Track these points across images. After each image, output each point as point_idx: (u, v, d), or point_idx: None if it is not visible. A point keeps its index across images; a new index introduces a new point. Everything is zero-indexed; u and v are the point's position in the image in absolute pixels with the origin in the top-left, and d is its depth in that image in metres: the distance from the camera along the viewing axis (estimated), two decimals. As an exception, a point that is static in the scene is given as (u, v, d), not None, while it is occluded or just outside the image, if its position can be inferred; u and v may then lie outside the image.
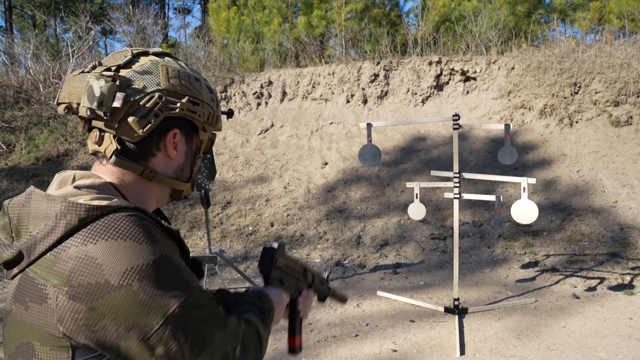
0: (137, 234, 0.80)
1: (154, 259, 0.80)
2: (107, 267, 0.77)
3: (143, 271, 0.78)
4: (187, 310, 0.82)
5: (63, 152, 8.80)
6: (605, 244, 5.60)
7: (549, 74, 7.80)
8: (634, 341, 3.69)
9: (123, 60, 0.92)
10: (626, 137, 7.09)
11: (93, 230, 0.80)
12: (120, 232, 0.80)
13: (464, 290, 4.87)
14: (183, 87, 0.95)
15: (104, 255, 0.78)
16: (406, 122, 5.08)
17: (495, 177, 4.50)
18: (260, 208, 7.25)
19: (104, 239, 0.79)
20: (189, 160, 1.02)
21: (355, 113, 8.68)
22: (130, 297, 0.78)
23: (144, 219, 0.84)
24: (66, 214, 0.80)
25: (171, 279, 0.81)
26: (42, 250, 0.79)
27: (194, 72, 1.00)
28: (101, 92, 0.86)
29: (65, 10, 17.94)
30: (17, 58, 11.59)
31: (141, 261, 0.79)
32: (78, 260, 0.78)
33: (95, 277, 0.77)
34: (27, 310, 0.81)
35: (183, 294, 0.82)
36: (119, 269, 0.77)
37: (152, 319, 0.79)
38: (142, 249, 0.80)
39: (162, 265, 0.81)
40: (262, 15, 12.39)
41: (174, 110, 0.93)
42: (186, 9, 25.48)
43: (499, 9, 10.99)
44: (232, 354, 0.87)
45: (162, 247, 0.83)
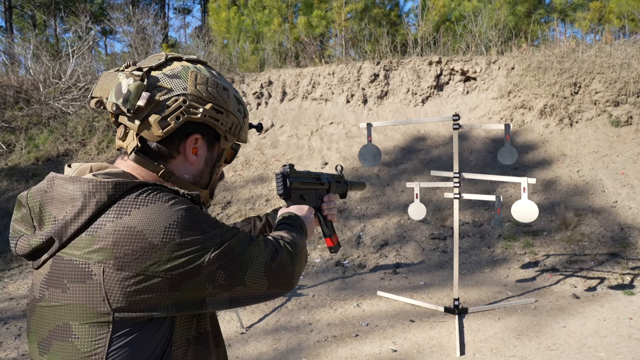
0: (163, 197, 0.87)
1: (184, 211, 0.87)
2: (146, 231, 0.83)
3: (179, 224, 0.85)
4: (225, 240, 0.90)
5: (63, 152, 8.80)
6: (605, 244, 5.60)
7: (549, 74, 7.79)
8: (634, 341, 3.69)
9: (156, 63, 0.96)
10: (626, 137, 7.09)
11: (123, 204, 0.84)
12: (148, 200, 0.85)
13: (464, 290, 4.87)
14: (209, 94, 0.97)
15: (140, 222, 0.83)
16: (406, 122, 5.08)
17: (495, 177, 4.50)
18: (260, 208, 7.25)
19: (136, 208, 0.84)
20: (209, 167, 1.05)
21: (355, 113, 8.67)
22: (175, 249, 0.84)
23: (164, 188, 0.90)
24: (95, 192, 0.84)
25: (204, 222, 0.89)
26: (73, 231, 0.83)
27: (225, 82, 1.03)
28: (128, 89, 0.90)
29: (65, 10, 17.93)
30: (17, 58, 11.59)
31: (175, 216, 0.85)
32: (117, 233, 0.82)
33: (138, 243, 0.82)
34: (66, 292, 0.84)
35: (218, 230, 0.90)
36: (159, 229, 0.83)
37: (199, 259, 0.86)
38: (171, 206, 0.86)
39: (192, 214, 0.88)
40: (262, 15, 12.39)
41: (196, 115, 0.95)
42: (186, 9, 25.48)
43: (499, 9, 10.99)
44: (271, 263, 0.96)
45: (185, 202, 0.89)
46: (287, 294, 1.05)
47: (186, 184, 1.01)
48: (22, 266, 6.45)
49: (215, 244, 0.89)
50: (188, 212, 0.88)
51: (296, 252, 1.04)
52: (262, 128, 1.19)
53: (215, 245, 0.88)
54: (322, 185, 1.43)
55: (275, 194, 7.51)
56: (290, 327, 4.24)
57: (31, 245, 0.86)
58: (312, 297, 4.85)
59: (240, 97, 1.08)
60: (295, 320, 4.37)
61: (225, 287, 0.90)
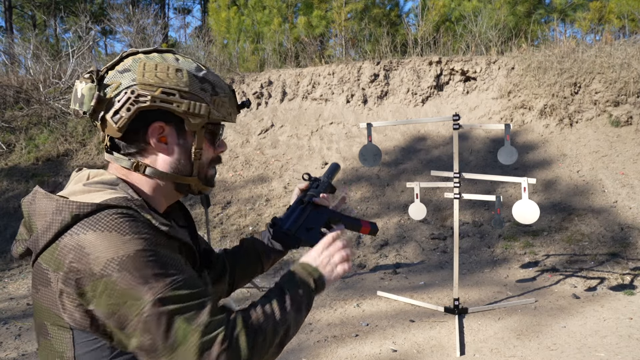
0: (122, 227, 0.85)
1: (135, 251, 0.83)
2: (92, 255, 0.83)
3: (123, 262, 0.82)
4: (163, 304, 0.82)
5: (63, 152, 8.80)
6: (605, 244, 5.60)
7: (549, 74, 7.79)
8: (634, 341, 3.69)
9: (111, 63, 0.99)
10: (626, 137, 7.09)
11: (85, 223, 0.86)
12: (106, 225, 0.85)
13: (464, 290, 4.87)
14: (157, 79, 0.96)
15: (90, 245, 0.84)
16: (406, 122, 5.08)
17: (495, 177, 4.50)
18: (260, 208, 7.25)
19: (93, 230, 0.85)
20: (185, 154, 1.02)
21: (355, 113, 8.67)
22: (110, 287, 0.82)
23: (133, 215, 0.88)
24: (60, 211, 0.87)
25: (150, 272, 0.83)
26: (43, 244, 0.88)
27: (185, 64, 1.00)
28: (82, 93, 0.94)
29: (65, 10, 17.93)
30: (17, 58, 11.59)
31: (122, 252, 0.83)
32: (71, 248, 0.85)
33: (83, 264, 0.83)
34: (38, 293, 0.90)
35: (161, 288, 0.83)
36: (102, 259, 0.82)
37: (128, 310, 0.82)
38: (125, 240, 0.84)
39: (142, 257, 0.83)
40: (262, 15, 12.39)
41: (145, 103, 0.94)
42: (186, 9, 25.48)
43: (499, 9, 10.99)
44: (216, 349, 0.82)
45: (146, 240, 0.86)
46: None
47: (167, 175, 1.01)
48: (22, 266, 6.45)
49: (153, 300, 0.81)
50: (140, 253, 0.83)
51: (255, 343, 0.87)
52: (248, 105, 1.10)
53: (152, 302, 0.81)
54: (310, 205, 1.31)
55: (275, 193, 7.52)
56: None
57: (18, 252, 0.95)
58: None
59: (207, 75, 1.02)
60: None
61: (149, 354, 0.83)
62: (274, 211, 7.14)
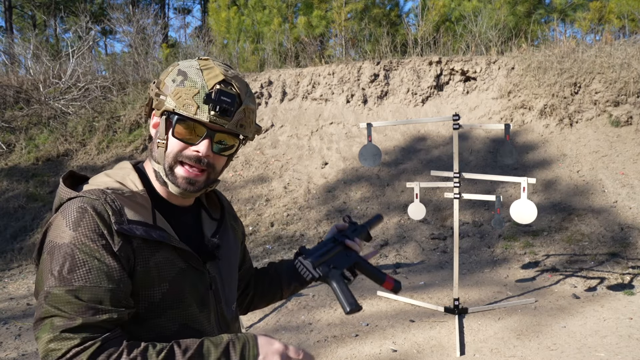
0: (69, 219, 0.98)
1: (62, 243, 0.96)
2: (50, 232, 1.00)
3: (52, 247, 0.97)
4: (47, 298, 0.94)
5: (63, 152, 8.80)
6: (605, 244, 5.60)
7: (549, 74, 7.79)
8: (634, 341, 3.69)
9: None
10: (626, 137, 7.09)
11: (63, 206, 1.02)
12: (65, 213, 0.99)
13: (464, 290, 4.87)
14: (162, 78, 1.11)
15: (53, 224, 1.00)
16: (406, 122, 5.08)
17: (495, 177, 4.50)
18: (260, 208, 7.25)
19: (61, 214, 1.00)
20: (156, 140, 1.11)
21: (355, 113, 8.67)
22: (43, 261, 0.99)
23: (87, 209, 0.98)
24: (58, 194, 1.06)
25: (59, 266, 0.95)
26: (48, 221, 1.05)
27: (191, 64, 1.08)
28: None
29: (65, 10, 17.93)
30: (17, 58, 11.59)
31: (57, 239, 0.97)
32: (51, 223, 1.02)
33: (49, 236, 1.00)
34: None
35: (55, 284, 0.94)
36: (49, 237, 0.99)
37: (38, 285, 0.98)
38: (63, 230, 0.97)
39: (63, 250, 0.95)
40: (262, 15, 12.38)
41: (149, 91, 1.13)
42: (186, 9, 25.47)
43: (499, 9, 10.99)
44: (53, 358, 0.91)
45: (78, 237, 0.96)
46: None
47: (151, 160, 1.13)
48: (22, 266, 6.45)
49: (47, 289, 0.95)
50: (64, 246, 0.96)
51: None
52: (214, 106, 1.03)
53: (46, 290, 0.95)
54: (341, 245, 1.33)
55: (275, 193, 7.52)
56: (290, 327, 4.24)
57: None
58: (312, 297, 4.85)
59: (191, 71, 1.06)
60: (295, 320, 4.37)
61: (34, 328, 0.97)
62: (273, 211, 7.14)
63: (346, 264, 1.27)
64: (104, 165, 8.44)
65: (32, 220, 7.46)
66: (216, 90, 1.03)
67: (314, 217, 6.92)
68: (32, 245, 6.90)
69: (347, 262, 1.28)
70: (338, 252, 1.28)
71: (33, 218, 7.49)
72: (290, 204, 7.24)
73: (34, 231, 7.24)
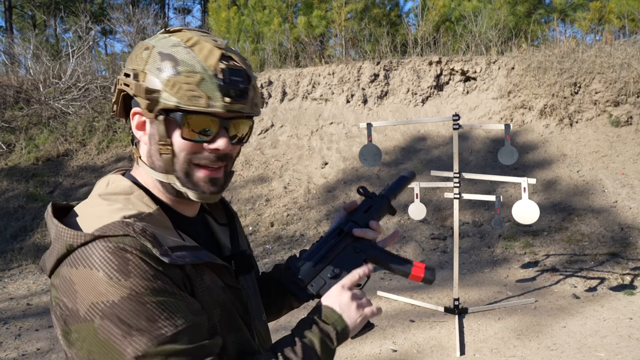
0: (110, 267, 0.76)
1: (120, 298, 0.75)
2: (79, 295, 0.76)
3: (106, 309, 0.75)
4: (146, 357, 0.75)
5: (63, 152, 8.80)
6: (605, 244, 5.60)
7: (549, 74, 7.79)
8: (634, 341, 3.69)
9: None
10: (626, 137, 7.09)
11: (78, 254, 0.78)
12: (95, 262, 0.76)
13: (464, 290, 4.87)
14: (130, 62, 0.87)
15: (79, 282, 0.76)
16: (406, 122, 5.08)
17: (495, 177, 4.50)
18: (260, 208, 7.25)
19: (83, 265, 0.77)
20: (154, 146, 0.88)
21: (355, 113, 8.67)
22: (91, 333, 0.76)
23: (126, 249, 0.77)
24: (58, 239, 0.80)
25: (135, 323, 0.75)
26: (49, 269, 0.82)
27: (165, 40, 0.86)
28: None
29: (65, 10, 17.93)
30: (17, 58, 11.59)
31: (106, 297, 0.75)
32: (64, 281, 0.78)
33: (71, 301, 0.77)
34: (52, 313, 0.85)
35: (145, 344, 0.75)
36: (87, 301, 0.75)
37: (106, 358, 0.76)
38: (111, 284, 0.75)
39: (128, 305, 0.75)
40: (262, 15, 12.39)
41: (119, 85, 0.88)
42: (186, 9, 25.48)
43: (499, 9, 10.99)
44: None
45: (135, 284, 0.76)
46: None
47: (149, 170, 0.90)
48: (22, 266, 6.45)
49: (131, 358, 0.75)
50: (126, 300, 0.75)
51: None
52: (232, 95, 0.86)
53: (137, 358, 0.75)
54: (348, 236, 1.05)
55: (275, 193, 7.52)
56: (290, 327, 4.23)
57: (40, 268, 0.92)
58: (312, 297, 4.85)
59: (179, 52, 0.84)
60: (295, 321, 4.35)
61: None
62: (273, 211, 7.14)
63: (355, 264, 1.02)
64: (104, 165, 8.44)
65: (32, 220, 7.46)
66: (224, 71, 0.84)
67: (314, 217, 6.92)
68: (32, 245, 6.91)
69: (356, 261, 1.02)
70: (344, 249, 1.03)
71: (33, 218, 7.49)
72: (290, 204, 7.24)
73: (34, 231, 7.24)
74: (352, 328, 0.96)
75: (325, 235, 1.06)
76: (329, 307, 0.96)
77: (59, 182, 8.19)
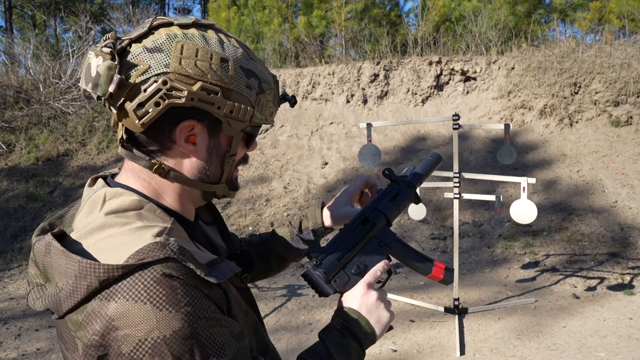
0: (159, 298, 0.68)
1: (172, 332, 0.68)
2: (121, 332, 0.68)
3: (157, 345, 0.68)
4: None
5: (63, 152, 8.80)
6: (605, 244, 5.60)
7: (549, 74, 7.80)
8: (634, 341, 3.69)
9: (137, 33, 0.77)
10: (626, 137, 7.09)
11: (116, 288, 0.69)
12: (140, 294, 0.68)
13: (464, 290, 4.87)
14: (197, 71, 0.76)
15: (120, 318, 0.68)
16: (406, 122, 5.09)
17: (495, 177, 4.50)
18: (260, 208, 7.25)
19: (124, 298, 0.68)
20: (217, 158, 0.84)
21: (355, 113, 8.67)
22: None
23: (171, 275, 0.69)
24: (85, 275, 0.69)
25: (194, 351, 0.69)
26: (67, 309, 0.71)
27: (229, 49, 0.80)
28: (97, 72, 0.74)
29: (65, 10, 17.94)
30: (17, 58, 11.59)
31: (156, 333, 0.67)
32: (96, 316, 0.69)
33: (110, 339, 0.69)
34: (67, 351, 0.76)
35: None
36: (133, 338, 0.68)
37: None
38: (161, 317, 0.67)
39: (179, 339, 0.68)
40: (262, 15, 12.39)
41: (180, 100, 0.75)
42: (186, 9, 25.50)
43: (499, 9, 10.99)
44: None
45: (185, 314, 0.69)
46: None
47: (192, 182, 0.83)
48: (22, 266, 6.45)
49: None
50: (178, 334, 0.68)
51: None
52: (294, 102, 0.91)
53: None
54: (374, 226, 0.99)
55: (275, 193, 7.52)
56: (290, 327, 4.24)
57: (35, 307, 0.77)
58: (312, 297, 4.85)
59: (256, 65, 0.82)
60: (295, 320, 4.37)
61: None
62: (273, 211, 7.14)
63: (379, 259, 0.96)
64: (104, 165, 8.45)
65: (32, 220, 7.46)
66: (277, 82, 0.86)
67: (314, 217, 6.92)
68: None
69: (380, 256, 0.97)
70: (369, 242, 0.97)
71: (33, 218, 7.49)
72: (290, 204, 7.25)
73: (34, 231, 7.24)
74: (379, 333, 0.94)
75: (349, 222, 1.00)
76: (357, 312, 0.93)
77: (59, 182, 8.19)
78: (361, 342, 0.91)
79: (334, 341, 0.89)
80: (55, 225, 0.83)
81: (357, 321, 0.91)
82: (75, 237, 0.75)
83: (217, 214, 1.00)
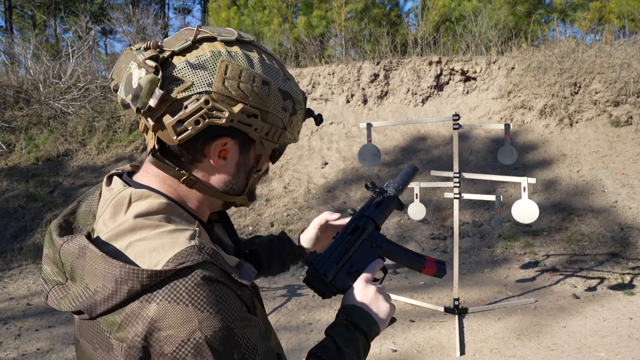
0: (200, 300, 0.70)
1: (213, 332, 0.71)
2: (164, 332, 0.70)
3: (199, 346, 0.70)
4: None
5: (63, 152, 8.80)
6: (605, 244, 5.60)
7: (549, 74, 7.80)
8: (634, 341, 3.69)
9: (180, 46, 0.77)
10: (626, 137, 7.09)
11: (158, 291, 0.71)
12: (182, 296, 0.70)
13: (464, 290, 4.87)
14: (240, 93, 0.77)
15: (162, 319, 0.70)
16: (406, 122, 5.09)
17: (495, 177, 4.50)
18: (260, 208, 7.25)
19: (166, 300, 0.70)
20: (243, 173, 0.87)
21: (355, 113, 8.68)
22: None
23: (210, 277, 0.72)
24: (127, 280, 0.70)
25: (228, 356, 0.72)
26: (103, 311, 0.72)
27: (269, 71, 0.81)
28: (139, 84, 0.74)
29: (65, 10, 17.95)
30: (17, 58, 11.59)
31: (198, 334, 0.70)
32: (137, 317, 0.70)
33: (153, 341, 0.70)
34: (96, 351, 0.77)
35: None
36: (176, 339, 0.70)
37: None
38: (202, 318, 0.70)
39: (220, 338, 0.71)
40: (262, 15, 12.40)
41: (220, 120, 0.77)
42: (186, 9, 25.50)
43: (499, 9, 11.00)
44: None
45: (224, 315, 0.72)
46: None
47: (217, 193, 0.86)
48: (22, 266, 6.45)
49: None
50: (218, 335, 0.71)
51: None
52: (321, 120, 0.94)
53: None
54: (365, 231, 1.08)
55: (275, 193, 7.52)
56: (290, 327, 4.24)
57: (61, 308, 0.77)
58: (312, 297, 4.85)
59: (291, 86, 0.85)
60: (295, 320, 4.37)
61: None
62: (273, 211, 7.14)
63: (372, 259, 1.05)
64: (104, 165, 8.45)
65: (32, 220, 7.46)
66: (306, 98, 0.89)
67: (314, 217, 6.90)
68: (32, 245, 6.91)
69: (373, 256, 1.06)
70: (361, 245, 1.06)
71: (33, 218, 7.49)
72: (290, 204, 7.25)
73: (34, 231, 7.24)
74: (381, 324, 0.99)
75: (340, 232, 1.08)
76: (359, 307, 0.98)
77: (59, 182, 8.19)
78: (366, 333, 0.95)
79: (341, 336, 0.93)
80: (70, 222, 0.84)
81: (360, 314, 0.96)
82: (104, 239, 0.75)
83: (222, 212, 1.02)
